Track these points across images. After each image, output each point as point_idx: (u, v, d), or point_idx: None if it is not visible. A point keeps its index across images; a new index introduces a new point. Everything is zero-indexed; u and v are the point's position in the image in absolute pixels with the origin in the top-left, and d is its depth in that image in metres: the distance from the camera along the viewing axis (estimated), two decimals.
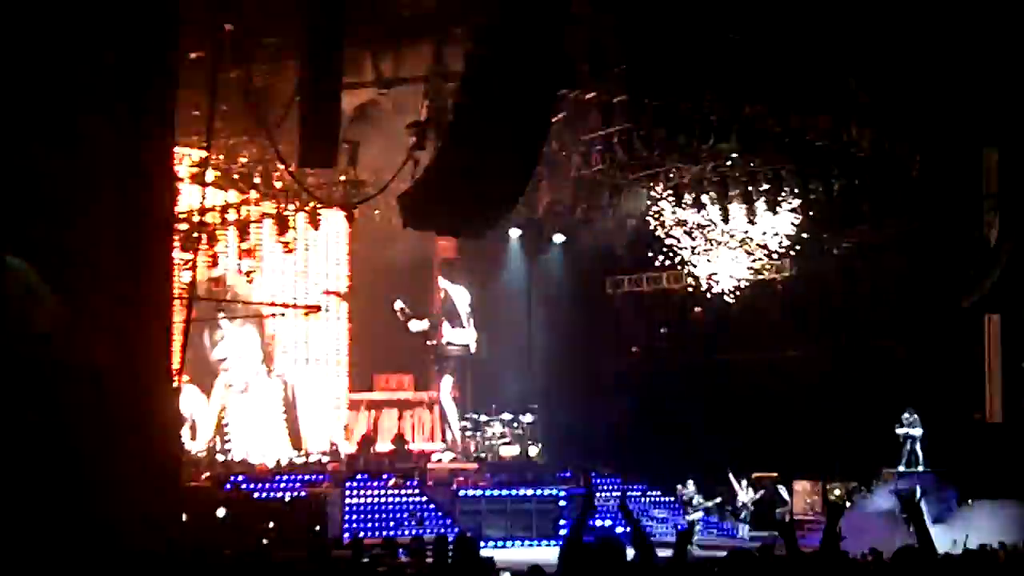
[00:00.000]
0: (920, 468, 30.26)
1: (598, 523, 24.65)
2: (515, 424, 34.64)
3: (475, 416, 35.32)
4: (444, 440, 35.85)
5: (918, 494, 27.77)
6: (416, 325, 35.71)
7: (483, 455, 33.79)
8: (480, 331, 36.87)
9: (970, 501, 28.89)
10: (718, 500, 29.10)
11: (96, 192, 10.96)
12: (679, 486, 29.31)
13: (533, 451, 34.47)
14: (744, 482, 29.20)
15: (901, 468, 30.23)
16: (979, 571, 7.63)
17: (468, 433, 35.17)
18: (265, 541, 23.18)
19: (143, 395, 10.79)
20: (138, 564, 9.65)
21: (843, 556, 8.52)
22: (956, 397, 31.78)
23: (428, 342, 36.21)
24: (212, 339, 33.31)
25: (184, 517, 14.35)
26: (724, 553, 9.33)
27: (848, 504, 30.29)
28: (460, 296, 36.98)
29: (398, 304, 35.06)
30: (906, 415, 30.72)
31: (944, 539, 9.90)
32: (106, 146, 11.02)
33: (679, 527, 25.20)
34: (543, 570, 11.26)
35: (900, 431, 30.70)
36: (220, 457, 30.77)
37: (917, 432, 30.64)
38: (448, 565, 11.43)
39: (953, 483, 29.51)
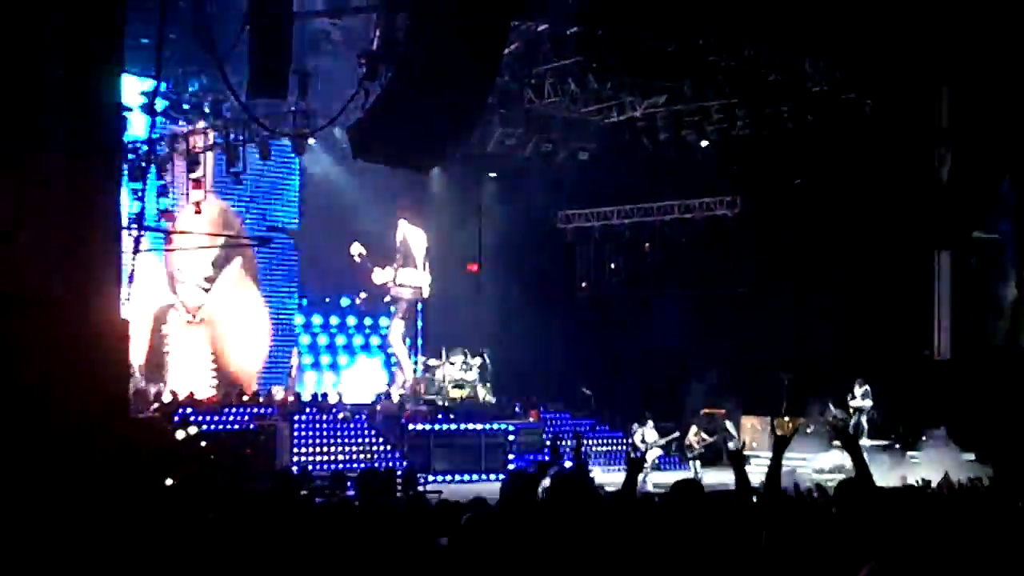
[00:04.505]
0: (866, 441, 30.29)
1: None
2: (465, 367, 34.60)
3: (424, 359, 35.26)
4: (395, 383, 35.88)
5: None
6: (380, 276, 35.61)
7: (434, 398, 33.72)
8: (432, 269, 36.86)
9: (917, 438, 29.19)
10: (675, 435, 29.18)
11: (42, 122, 10.82)
12: (636, 424, 29.33)
13: (483, 393, 34.43)
14: (703, 422, 29.43)
15: None
16: (918, 501, 7.69)
17: (418, 375, 35.13)
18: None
19: (90, 326, 10.68)
20: (85, 494, 9.59)
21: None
22: (906, 334, 31.92)
23: (387, 286, 36.17)
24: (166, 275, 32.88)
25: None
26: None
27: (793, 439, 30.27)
28: (418, 239, 36.81)
29: (356, 248, 34.90)
30: (856, 387, 30.68)
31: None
32: (53, 76, 10.88)
33: (634, 454, 25.26)
34: (487, 501, 11.27)
35: (852, 403, 30.68)
36: (165, 391, 30.43)
37: (867, 404, 30.61)
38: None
39: (895, 453, 29.64)
